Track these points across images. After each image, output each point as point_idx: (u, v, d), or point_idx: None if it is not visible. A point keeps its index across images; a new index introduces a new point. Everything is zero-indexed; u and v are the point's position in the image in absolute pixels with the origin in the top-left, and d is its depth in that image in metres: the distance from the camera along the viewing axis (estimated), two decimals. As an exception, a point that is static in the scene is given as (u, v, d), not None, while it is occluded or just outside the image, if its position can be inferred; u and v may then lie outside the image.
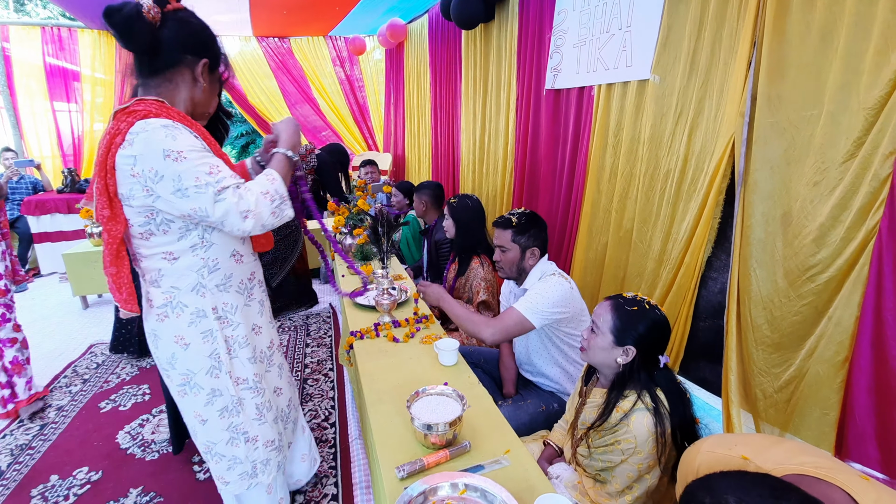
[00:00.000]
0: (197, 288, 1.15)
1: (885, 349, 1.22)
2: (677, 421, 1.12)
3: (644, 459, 1.12)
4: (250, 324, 1.27)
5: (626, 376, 1.19)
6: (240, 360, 1.23)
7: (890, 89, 1.19)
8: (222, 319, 1.19)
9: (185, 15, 1.11)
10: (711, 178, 1.72)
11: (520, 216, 1.73)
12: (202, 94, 1.15)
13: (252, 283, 1.28)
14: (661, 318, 1.21)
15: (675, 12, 1.80)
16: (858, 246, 1.27)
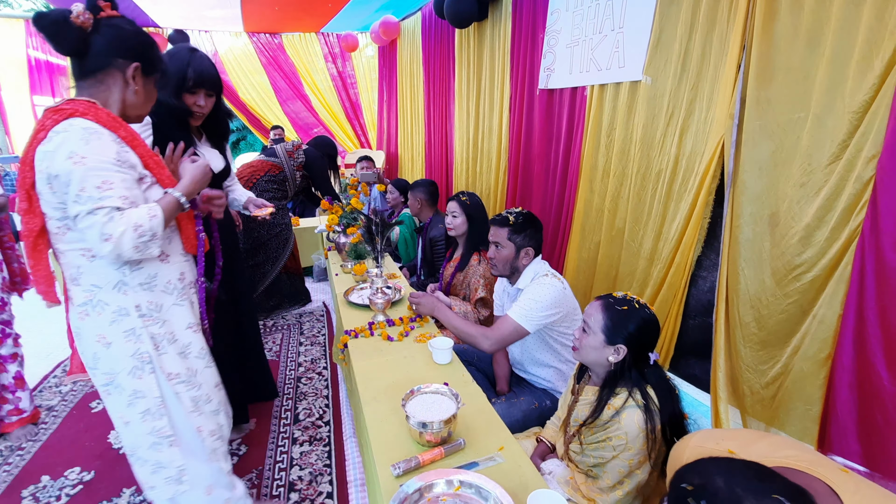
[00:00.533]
0: (119, 286, 1.15)
1: (867, 347, 1.26)
2: (667, 417, 1.15)
3: (634, 455, 1.15)
4: (183, 323, 1.27)
5: (617, 374, 1.22)
6: (170, 356, 1.23)
7: (873, 94, 1.22)
8: (147, 317, 1.19)
9: (119, 21, 1.15)
10: (702, 178, 1.75)
11: (517, 215, 1.75)
12: (134, 96, 1.18)
13: (183, 284, 1.27)
14: (651, 317, 1.24)
15: (667, 15, 1.83)
16: (842, 246, 1.31)
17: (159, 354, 1.21)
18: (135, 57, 1.15)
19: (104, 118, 1.08)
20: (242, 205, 1.98)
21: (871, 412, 1.27)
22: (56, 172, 1.03)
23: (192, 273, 1.34)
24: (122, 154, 1.10)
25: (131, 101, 1.19)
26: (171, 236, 1.25)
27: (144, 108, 1.24)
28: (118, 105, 1.17)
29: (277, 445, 2.03)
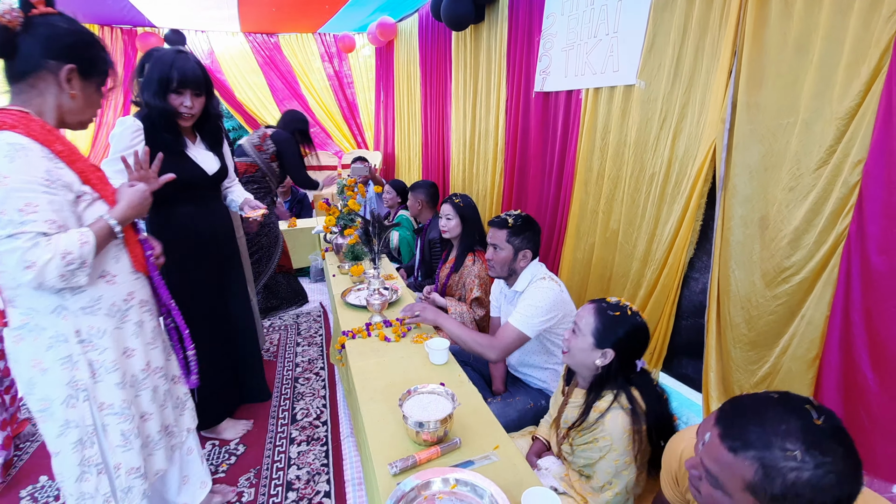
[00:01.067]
0: (58, 310, 1.08)
1: (853, 348, 1.29)
2: (653, 420, 1.17)
3: (620, 456, 1.17)
4: (121, 347, 1.20)
5: (603, 378, 1.24)
6: (106, 385, 1.16)
7: (860, 100, 1.25)
8: (86, 343, 1.13)
9: (53, 19, 1.06)
10: (694, 181, 1.78)
11: (516, 218, 1.77)
12: (71, 102, 1.09)
13: (129, 305, 1.21)
14: (642, 325, 1.25)
15: (660, 20, 1.85)
16: (829, 249, 1.34)
17: (95, 383, 1.15)
18: (69, 58, 1.05)
19: (36, 131, 1.00)
20: (239, 206, 1.99)
21: (857, 412, 1.30)
22: None
23: (143, 291, 1.26)
24: (55, 172, 1.01)
25: (68, 107, 1.09)
26: (119, 255, 1.19)
27: (85, 114, 1.14)
28: (54, 112, 1.08)
29: (275, 445, 2.04)
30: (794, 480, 0.64)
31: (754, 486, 0.67)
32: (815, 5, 1.35)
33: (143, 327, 1.26)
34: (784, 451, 0.65)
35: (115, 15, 4.66)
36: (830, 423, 0.67)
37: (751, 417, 0.70)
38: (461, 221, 2.38)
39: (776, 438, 0.66)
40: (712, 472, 0.72)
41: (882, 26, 1.20)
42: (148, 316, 1.28)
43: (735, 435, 0.69)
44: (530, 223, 1.79)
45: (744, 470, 0.68)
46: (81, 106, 1.11)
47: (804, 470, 0.63)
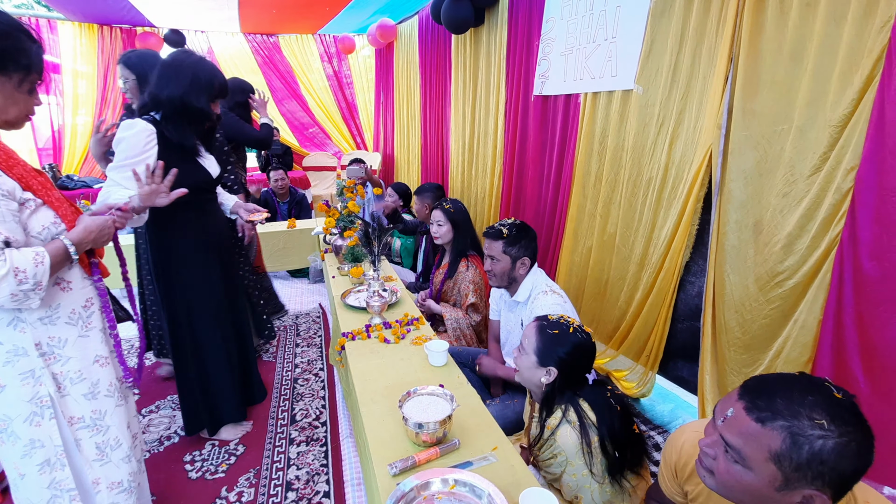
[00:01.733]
0: (14, 322, 1.03)
1: (845, 352, 1.31)
2: (606, 432, 1.18)
3: (577, 470, 1.18)
4: (90, 356, 1.14)
5: (550, 396, 1.26)
6: (73, 398, 1.11)
7: (853, 108, 1.28)
8: (48, 356, 1.07)
9: None
10: (690, 186, 1.80)
11: (510, 227, 1.79)
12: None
13: (89, 311, 1.15)
14: (582, 342, 1.26)
15: (658, 27, 1.88)
16: (822, 254, 1.36)
17: (62, 396, 1.09)
18: None
19: None
20: (230, 209, 1.98)
21: (849, 414, 1.32)
22: None
23: (98, 297, 1.20)
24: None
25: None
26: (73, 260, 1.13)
27: (8, 113, 1.04)
28: None
29: (275, 446, 2.06)
30: (821, 448, 0.67)
31: (780, 454, 0.70)
32: (810, 15, 1.37)
33: (105, 334, 1.20)
34: (812, 420, 0.68)
35: (115, 15, 4.67)
36: (848, 399, 0.71)
37: (777, 390, 0.74)
38: (452, 227, 2.40)
39: (803, 409, 0.69)
40: (735, 445, 0.75)
41: (875, 36, 1.22)
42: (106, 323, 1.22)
43: (763, 406, 0.72)
44: (524, 231, 1.79)
45: (771, 439, 0.70)
46: (2, 104, 1.02)
47: (830, 438, 0.67)
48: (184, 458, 1.98)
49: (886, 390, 1.23)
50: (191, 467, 1.93)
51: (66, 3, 4.32)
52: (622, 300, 2.24)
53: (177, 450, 2.02)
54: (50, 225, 1.05)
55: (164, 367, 2.62)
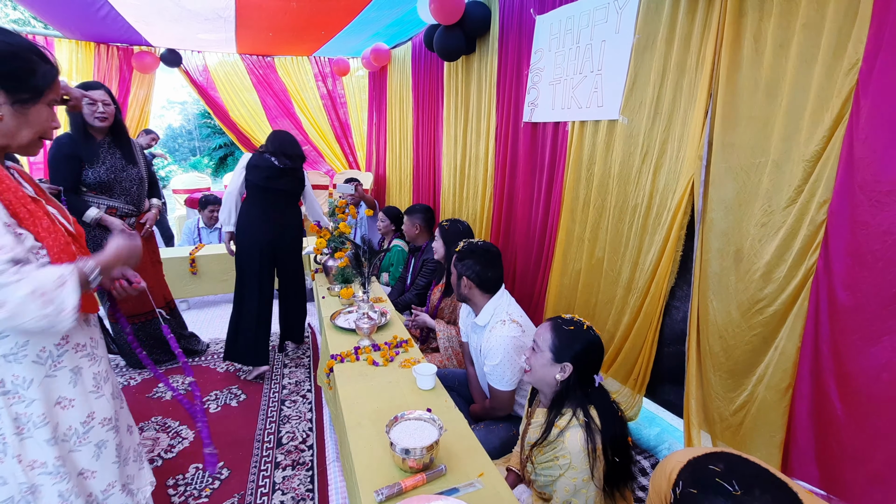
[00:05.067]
0: None
1: (822, 377, 1.35)
2: (609, 438, 1.22)
3: (579, 474, 1.22)
4: (53, 398, 1.07)
5: (563, 394, 1.30)
6: (35, 441, 1.04)
7: (824, 145, 1.34)
8: (11, 394, 1.01)
9: None
10: (674, 214, 1.85)
11: (467, 244, 1.84)
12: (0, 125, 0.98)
13: (62, 350, 1.08)
14: (596, 339, 1.33)
15: (641, 61, 1.96)
16: (799, 283, 1.41)
17: (21, 439, 1.03)
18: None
19: None
20: None
21: (828, 440, 1.35)
22: None
23: (80, 334, 1.13)
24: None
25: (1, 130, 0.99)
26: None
27: (22, 137, 1.02)
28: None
29: (260, 470, 2.03)
30: None
31: None
32: (783, 55, 1.45)
33: (80, 374, 1.12)
34: None
35: (113, 34, 4.72)
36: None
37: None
38: (444, 245, 2.44)
39: None
40: None
41: (843, 78, 1.29)
42: (87, 362, 1.14)
43: None
44: (474, 252, 1.80)
45: None
46: (12, 127, 0.99)
47: None
48: (167, 482, 1.95)
49: (861, 417, 1.26)
50: (174, 492, 1.89)
51: (64, 22, 4.36)
52: (610, 323, 2.27)
53: (160, 473, 1.99)
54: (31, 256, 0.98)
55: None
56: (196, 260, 3.79)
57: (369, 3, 3.61)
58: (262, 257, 2.70)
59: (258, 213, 2.68)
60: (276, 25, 4.34)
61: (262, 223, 2.68)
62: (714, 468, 0.82)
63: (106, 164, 2.39)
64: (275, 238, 2.72)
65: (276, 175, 2.66)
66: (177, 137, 16.80)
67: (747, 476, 0.79)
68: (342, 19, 4.15)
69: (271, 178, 2.65)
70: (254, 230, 2.68)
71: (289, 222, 2.81)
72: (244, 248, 2.71)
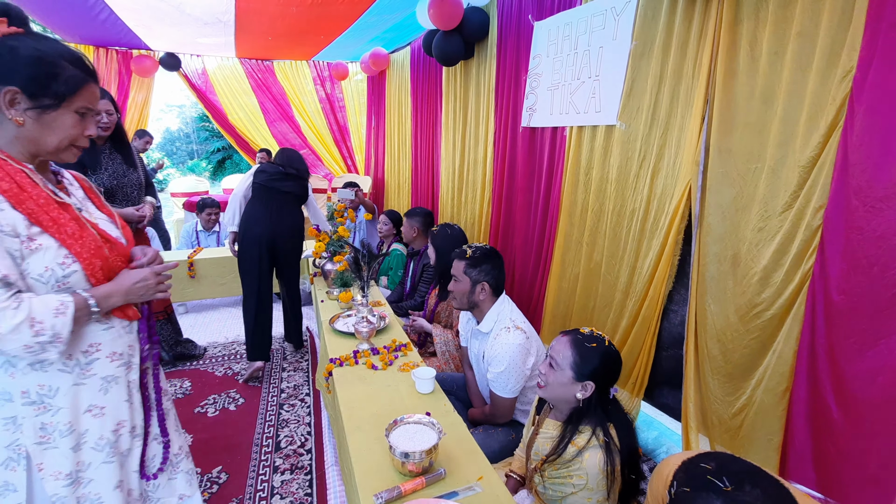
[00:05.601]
0: (5, 367, 0.97)
1: (818, 381, 1.36)
2: (626, 454, 1.21)
3: (593, 494, 1.20)
4: (82, 406, 1.04)
5: (583, 411, 1.26)
6: (60, 452, 1.01)
7: (819, 151, 1.36)
8: (37, 405, 0.99)
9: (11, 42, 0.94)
10: (671, 218, 1.87)
11: (476, 249, 1.82)
12: (24, 130, 0.97)
13: (90, 358, 1.04)
14: (616, 353, 1.31)
15: (638, 67, 1.98)
16: (795, 287, 1.42)
17: (44, 449, 1.01)
18: (14, 79, 0.93)
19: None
20: None
21: (824, 443, 1.36)
22: None
23: (116, 342, 1.09)
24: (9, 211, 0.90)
25: (23, 137, 0.98)
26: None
27: (48, 144, 0.99)
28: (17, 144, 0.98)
29: (258, 474, 2.02)
30: None
31: None
32: (778, 62, 1.47)
33: (117, 382, 1.09)
34: None
35: (112, 38, 4.73)
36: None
37: None
38: (434, 251, 2.45)
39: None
40: None
41: (837, 85, 1.31)
42: (123, 370, 1.11)
43: None
44: (489, 256, 1.81)
45: None
46: (35, 133, 0.97)
47: None
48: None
49: (857, 420, 1.27)
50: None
51: (63, 25, 4.37)
52: (608, 327, 2.28)
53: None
54: (56, 266, 0.96)
55: None
56: (194, 263, 3.79)
57: (368, 8, 3.64)
58: (261, 251, 2.80)
59: (260, 209, 2.82)
60: (276, 30, 4.36)
61: (262, 218, 2.81)
62: (706, 466, 0.83)
63: (108, 170, 2.39)
64: (274, 234, 2.83)
65: (281, 178, 2.85)
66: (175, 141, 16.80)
67: (738, 473, 0.80)
68: (341, 24, 4.18)
69: (276, 179, 2.83)
70: (254, 225, 2.81)
71: (287, 220, 2.92)
72: (245, 243, 2.83)
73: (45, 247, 0.95)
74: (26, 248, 0.93)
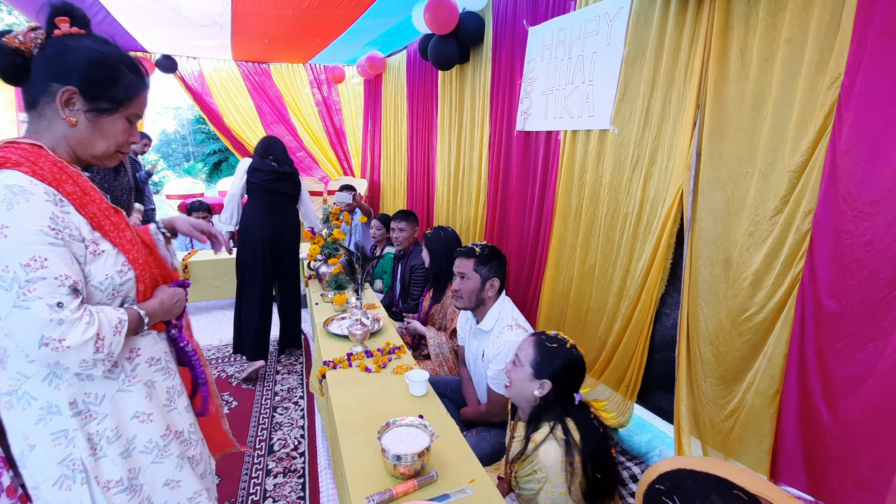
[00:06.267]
0: (50, 378, 0.93)
1: (808, 383, 1.37)
2: (588, 453, 1.22)
3: (556, 488, 1.21)
4: (129, 412, 1.03)
5: (541, 409, 1.30)
6: (109, 459, 0.99)
7: (808, 156, 1.37)
8: (83, 414, 0.96)
9: (72, 41, 0.92)
10: (664, 222, 1.88)
11: (483, 247, 1.85)
12: (71, 129, 0.93)
13: (133, 364, 1.03)
14: (578, 358, 1.33)
15: (631, 73, 2.00)
16: (786, 291, 1.43)
17: (96, 459, 0.98)
18: (72, 78, 0.90)
19: (46, 169, 0.87)
20: None
21: (815, 445, 1.37)
22: None
23: (153, 347, 1.08)
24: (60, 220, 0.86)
25: (73, 138, 0.94)
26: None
27: (96, 147, 0.97)
28: (63, 145, 0.94)
29: (251, 477, 2.01)
30: None
31: None
32: (768, 69, 1.49)
33: (154, 388, 1.09)
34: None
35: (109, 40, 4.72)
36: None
37: None
38: (429, 253, 2.46)
39: None
40: None
41: (825, 91, 1.33)
42: (161, 375, 1.11)
43: None
44: (496, 253, 1.87)
45: None
46: (87, 135, 0.95)
47: None
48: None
49: (846, 423, 1.28)
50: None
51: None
52: (602, 330, 2.29)
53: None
54: (115, 274, 0.95)
55: None
56: (189, 266, 3.77)
57: (365, 12, 3.65)
58: (265, 252, 2.85)
59: (262, 211, 2.86)
60: (272, 32, 4.36)
61: (265, 220, 2.85)
62: (660, 487, 0.86)
63: (100, 173, 2.38)
64: (276, 235, 2.89)
65: (278, 178, 2.87)
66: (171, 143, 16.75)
67: (690, 489, 0.82)
68: (338, 27, 4.19)
69: (274, 180, 2.86)
70: (258, 226, 2.84)
71: (288, 223, 2.98)
72: (248, 244, 2.87)
73: (106, 253, 0.94)
74: (90, 254, 0.92)
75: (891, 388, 1.18)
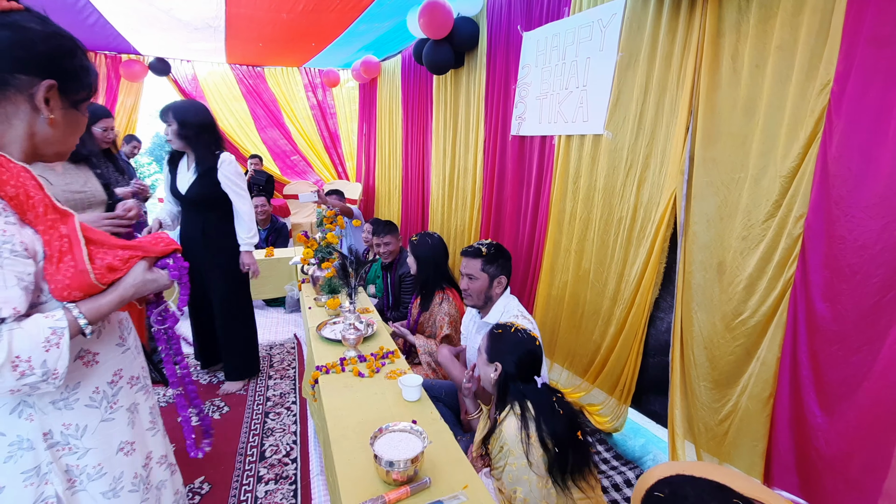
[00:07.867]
0: (19, 409, 0.81)
1: (801, 387, 1.37)
2: (549, 429, 1.28)
3: (517, 459, 1.28)
4: (114, 445, 0.92)
5: (503, 392, 1.40)
6: (89, 495, 0.89)
7: (799, 161, 1.39)
8: (60, 446, 0.85)
9: (20, 18, 0.77)
10: (657, 227, 1.89)
11: (488, 246, 1.86)
12: (50, 128, 0.81)
13: (116, 388, 0.93)
14: (523, 340, 1.42)
15: (624, 78, 2.01)
16: (778, 295, 1.44)
17: (73, 493, 0.87)
18: (46, 71, 0.78)
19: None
20: None
21: (807, 448, 1.37)
22: None
23: (133, 364, 0.98)
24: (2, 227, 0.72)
25: (45, 136, 0.81)
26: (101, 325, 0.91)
27: (67, 143, 0.86)
28: (23, 143, 0.80)
29: (242, 484, 1.99)
30: None
31: None
32: (759, 75, 1.50)
33: (137, 412, 0.98)
34: None
35: (101, 42, 4.70)
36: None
37: None
38: (415, 260, 2.45)
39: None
40: None
41: (815, 98, 1.34)
42: (142, 395, 1.01)
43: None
44: (502, 251, 1.90)
45: None
46: (63, 133, 0.84)
47: None
48: (144, 497, 1.89)
49: (841, 426, 1.28)
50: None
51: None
52: (596, 334, 2.29)
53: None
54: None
55: None
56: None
57: (360, 16, 3.66)
58: None
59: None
60: (267, 36, 4.36)
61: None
62: (658, 494, 0.86)
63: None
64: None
65: None
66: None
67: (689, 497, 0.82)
68: (333, 31, 4.19)
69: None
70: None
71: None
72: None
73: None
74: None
75: (883, 391, 1.18)
